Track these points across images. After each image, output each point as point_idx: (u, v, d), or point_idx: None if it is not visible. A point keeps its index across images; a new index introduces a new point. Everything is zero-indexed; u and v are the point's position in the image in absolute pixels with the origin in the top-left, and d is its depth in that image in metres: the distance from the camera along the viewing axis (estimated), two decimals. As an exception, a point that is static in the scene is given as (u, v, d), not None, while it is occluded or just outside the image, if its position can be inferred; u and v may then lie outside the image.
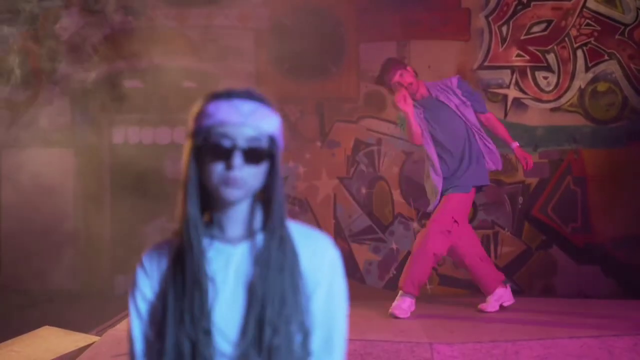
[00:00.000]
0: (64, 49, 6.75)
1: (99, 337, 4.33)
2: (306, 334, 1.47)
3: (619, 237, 6.11)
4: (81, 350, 4.19)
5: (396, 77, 4.89)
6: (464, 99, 4.97)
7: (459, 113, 4.93)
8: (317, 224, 6.41)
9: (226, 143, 1.44)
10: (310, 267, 1.51)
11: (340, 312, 1.53)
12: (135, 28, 6.71)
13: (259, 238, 1.51)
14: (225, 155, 1.43)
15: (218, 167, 1.44)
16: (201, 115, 1.48)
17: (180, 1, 6.62)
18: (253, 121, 1.45)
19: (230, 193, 1.44)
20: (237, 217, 1.51)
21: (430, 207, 4.92)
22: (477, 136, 4.94)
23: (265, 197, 1.51)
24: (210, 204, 1.51)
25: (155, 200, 6.44)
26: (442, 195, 4.83)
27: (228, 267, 1.49)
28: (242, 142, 1.44)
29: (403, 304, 4.68)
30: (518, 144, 5.04)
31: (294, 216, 6.34)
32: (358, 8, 6.49)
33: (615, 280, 6.07)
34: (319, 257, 1.52)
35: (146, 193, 6.47)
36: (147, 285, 1.52)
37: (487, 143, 4.96)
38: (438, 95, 4.97)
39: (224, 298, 1.47)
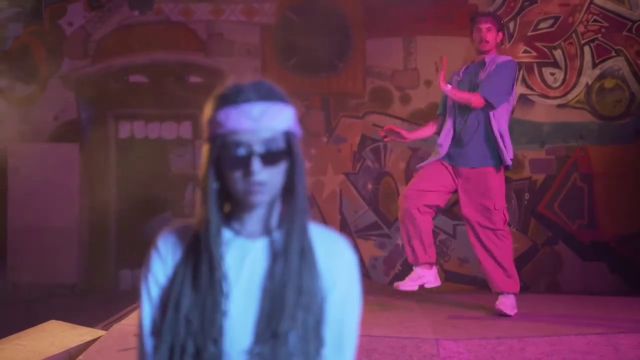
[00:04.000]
0: (69, 43, 6.76)
1: (105, 332, 4.34)
2: (320, 325, 1.44)
3: (625, 234, 6.10)
4: (87, 344, 4.19)
5: (485, 25, 4.60)
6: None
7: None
8: (323, 219, 6.41)
9: (242, 152, 1.40)
10: (327, 267, 1.48)
11: (353, 317, 1.51)
12: (141, 22, 6.71)
13: (278, 233, 1.48)
14: (243, 163, 1.39)
15: (238, 175, 1.40)
16: (212, 122, 1.43)
17: (187, -4, 6.63)
18: (266, 123, 1.40)
19: (255, 200, 1.42)
20: (258, 213, 1.48)
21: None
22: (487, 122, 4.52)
23: (286, 191, 1.48)
24: (231, 199, 1.48)
25: (160, 195, 6.46)
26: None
27: (243, 261, 1.46)
28: (258, 147, 1.39)
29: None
30: (450, 88, 4.57)
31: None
32: (365, 3, 6.48)
33: (621, 277, 6.06)
34: (336, 259, 1.50)
35: (152, 188, 6.48)
36: (160, 270, 1.48)
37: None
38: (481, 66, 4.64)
39: (238, 291, 1.44)
